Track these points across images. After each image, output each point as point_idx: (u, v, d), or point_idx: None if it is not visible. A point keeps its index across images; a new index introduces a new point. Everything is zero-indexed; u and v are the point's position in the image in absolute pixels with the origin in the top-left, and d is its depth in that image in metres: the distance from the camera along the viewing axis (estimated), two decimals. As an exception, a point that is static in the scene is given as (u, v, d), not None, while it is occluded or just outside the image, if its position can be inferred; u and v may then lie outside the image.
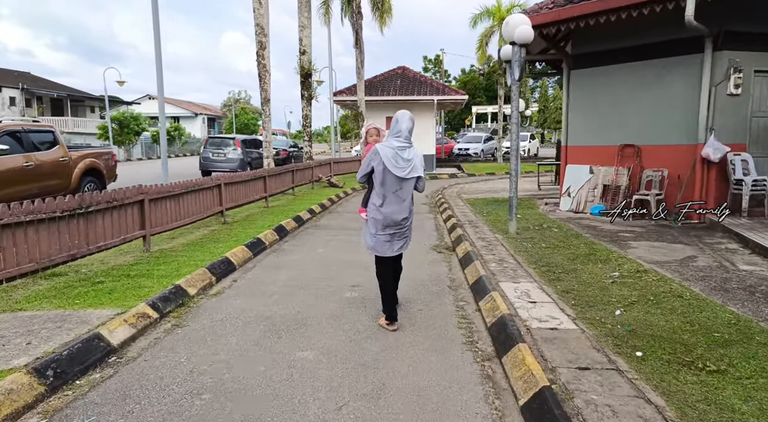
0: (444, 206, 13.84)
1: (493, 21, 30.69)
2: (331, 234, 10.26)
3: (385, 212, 4.76)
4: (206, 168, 22.06)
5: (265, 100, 15.97)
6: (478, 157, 36.94)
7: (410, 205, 4.92)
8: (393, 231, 4.87)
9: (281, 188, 14.85)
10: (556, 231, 9.66)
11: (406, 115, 4.86)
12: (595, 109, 12.51)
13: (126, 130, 36.18)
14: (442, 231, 10.62)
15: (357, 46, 24.65)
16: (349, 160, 23.74)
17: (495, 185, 20.94)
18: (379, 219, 4.81)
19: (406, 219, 4.90)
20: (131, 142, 38.00)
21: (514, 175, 9.58)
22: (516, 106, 9.47)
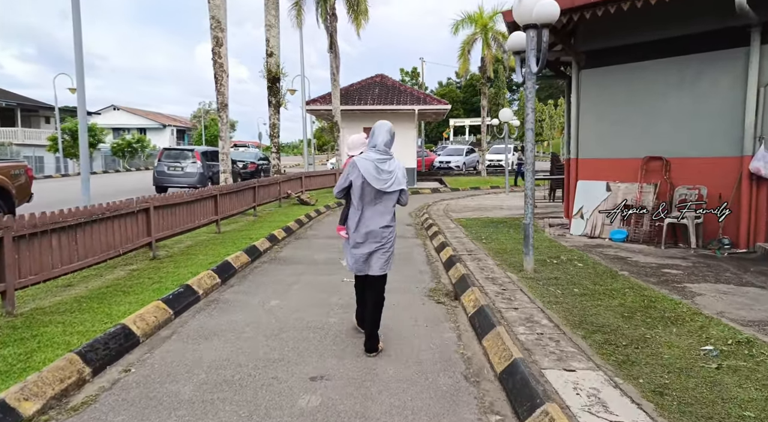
0: (433, 229, 11.68)
1: (476, 28, 28.94)
2: (295, 272, 8.01)
3: (364, 228, 4.52)
4: (161, 184, 19.65)
5: (222, 106, 13.70)
6: (460, 170, 35.01)
7: (392, 220, 4.63)
8: (373, 249, 4.57)
9: (239, 208, 12.56)
10: (581, 267, 7.56)
11: (384, 126, 4.56)
12: (612, 115, 10.51)
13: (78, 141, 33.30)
14: (436, 266, 8.44)
15: (332, 51, 22.54)
16: (323, 174, 21.50)
17: (483, 201, 18.89)
18: (358, 236, 4.56)
19: (387, 236, 4.60)
20: (87, 155, 35.20)
21: (529, 196, 7.45)
22: (532, 107, 7.38)
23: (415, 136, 26.82)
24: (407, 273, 7.88)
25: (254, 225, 12.20)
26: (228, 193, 11.77)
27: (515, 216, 14.02)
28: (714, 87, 9.17)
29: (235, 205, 12.33)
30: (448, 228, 11.97)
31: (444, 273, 7.88)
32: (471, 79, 78.32)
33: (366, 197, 4.46)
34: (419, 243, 10.60)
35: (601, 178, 10.57)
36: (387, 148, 4.50)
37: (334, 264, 8.49)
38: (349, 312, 5.81)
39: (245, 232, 11.10)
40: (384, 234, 4.56)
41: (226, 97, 13.74)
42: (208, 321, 5.43)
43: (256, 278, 7.56)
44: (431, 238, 11.03)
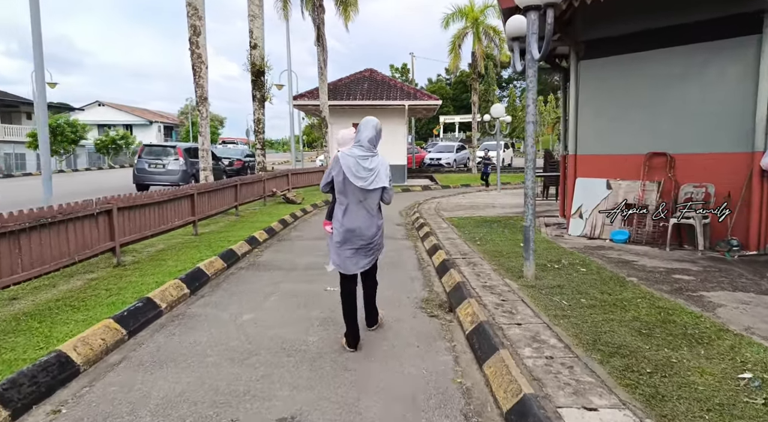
0: (425, 229, 11.03)
1: (466, 22, 28.29)
2: (274, 279, 7.35)
3: (349, 225, 4.45)
4: (142, 181, 18.87)
5: (201, 99, 12.97)
6: (451, 167, 34.40)
7: (378, 218, 4.59)
8: (358, 246, 4.51)
9: (219, 208, 11.85)
10: (585, 273, 6.95)
11: (370, 123, 4.50)
12: (612, 109, 9.90)
13: (60, 137, 32.30)
14: (428, 271, 7.80)
15: (319, 44, 21.80)
16: (310, 171, 20.78)
17: (475, 199, 18.27)
18: (342, 233, 4.48)
19: (374, 234, 4.54)
20: (66, 151, 34.02)
21: (530, 197, 6.82)
22: (533, 98, 6.75)
23: (405, 132, 26.17)
24: (397, 279, 7.23)
25: (235, 226, 11.50)
26: (207, 191, 11.06)
27: (509, 215, 13.42)
28: (722, 78, 8.59)
29: (215, 204, 11.62)
30: (440, 229, 11.34)
31: (437, 280, 7.24)
32: (461, 76, 77.78)
33: (348, 193, 4.38)
34: (410, 246, 9.95)
35: (600, 175, 9.98)
36: (371, 145, 4.40)
37: (317, 270, 7.83)
38: (330, 328, 5.17)
39: (224, 234, 10.41)
40: (369, 232, 4.49)
41: (206, 90, 13.02)
42: (167, 342, 4.75)
43: (230, 287, 6.88)
44: (423, 239, 10.40)
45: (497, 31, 27.66)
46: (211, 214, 11.34)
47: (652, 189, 9.22)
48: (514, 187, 24.08)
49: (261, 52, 17.12)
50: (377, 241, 4.61)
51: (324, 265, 8.43)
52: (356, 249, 4.50)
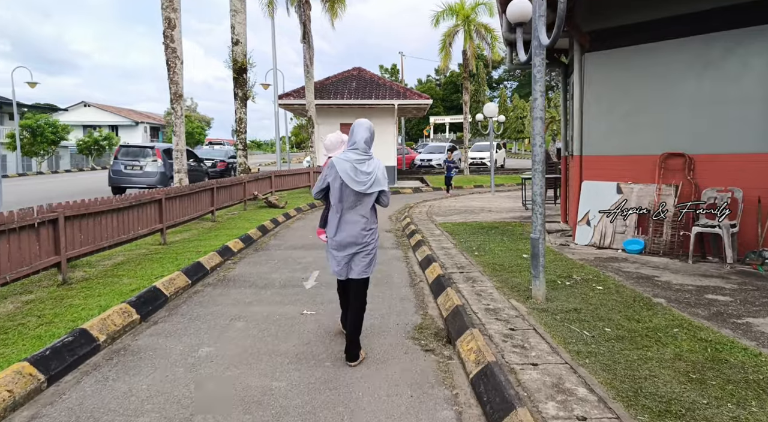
0: (417, 237, 10.10)
1: (457, 20, 27.39)
2: (244, 298, 6.39)
3: (345, 232, 4.34)
4: (118, 184, 17.80)
5: (175, 96, 11.97)
6: (442, 168, 33.47)
7: (373, 222, 4.45)
8: (354, 252, 4.38)
9: (193, 213, 10.86)
10: (602, 292, 6.05)
11: (364, 125, 4.35)
12: (622, 105, 9.02)
13: (40, 138, 31.00)
14: (420, 289, 6.85)
15: (305, 41, 20.84)
16: (295, 173, 19.77)
17: (470, 202, 17.36)
18: (337, 239, 4.38)
19: (369, 239, 4.41)
20: (47, 152, 32.69)
21: (539, 204, 5.90)
22: (541, 90, 5.84)
23: (395, 133, 25.24)
24: (386, 300, 6.29)
25: (209, 234, 10.51)
26: (178, 196, 10.06)
27: (506, 220, 12.52)
28: (746, 69, 7.73)
29: (188, 209, 10.62)
30: (433, 236, 10.41)
31: (432, 301, 6.30)
32: (451, 77, 77.12)
33: (344, 199, 4.29)
34: (400, 256, 9.01)
35: (610, 178, 9.09)
36: (367, 147, 4.31)
37: (295, 287, 6.89)
38: (302, 368, 4.23)
39: (196, 243, 9.42)
40: (365, 238, 4.39)
41: (181, 87, 12.02)
42: (95, 392, 3.77)
43: (190, 310, 5.90)
44: (414, 249, 9.46)
45: (489, 29, 26.81)
46: (182, 221, 10.33)
47: (668, 193, 8.34)
48: (509, 188, 23.24)
49: (243, 48, 16.14)
50: (373, 244, 4.47)
51: (302, 281, 7.53)
52: (352, 255, 4.41)
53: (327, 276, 7.44)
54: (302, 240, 10.64)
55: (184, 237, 10.19)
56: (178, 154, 12.12)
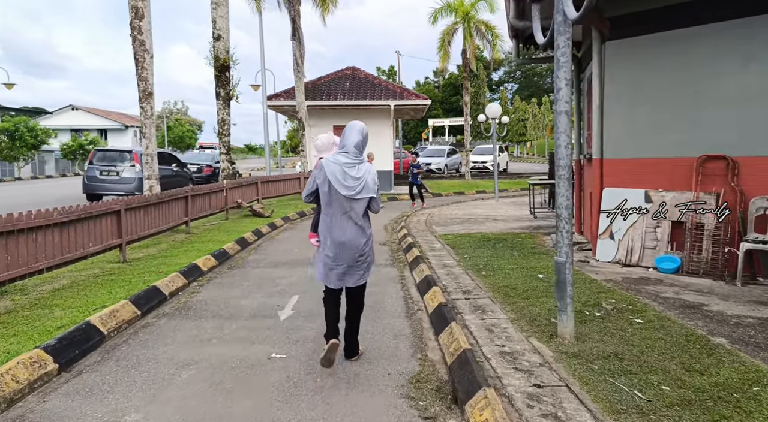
0: (414, 252, 8.90)
1: (456, 17, 26.24)
2: (202, 334, 5.20)
3: (337, 238, 4.16)
4: (92, 191, 16.62)
5: (144, 94, 10.78)
6: (442, 173, 32.32)
7: (367, 228, 4.29)
8: (347, 259, 4.21)
9: (162, 226, 9.66)
10: (643, 327, 4.87)
11: (356, 127, 4.22)
12: (651, 100, 7.83)
13: (18, 142, 29.74)
14: (419, 320, 5.65)
15: (295, 38, 19.68)
16: (284, 179, 18.53)
17: (473, 210, 16.17)
18: (329, 245, 4.19)
19: (363, 246, 4.25)
20: (26, 157, 31.39)
21: (565, 219, 4.70)
22: (567, 78, 4.64)
23: (392, 135, 24.06)
24: (376, 336, 5.10)
25: (180, 248, 9.30)
26: (142, 206, 8.86)
27: (514, 231, 11.32)
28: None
29: (156, 221, 9.42)
30: (433, 251, 9.21)
31: (432, 337, 5.10)
32: (450, 78, 76.14)
33: (334, 203, 4.14)
34: (395, 276, 7.81)
35: (637, 184, 7.90)
36: (358, 151, 4.15)
37: (267, 317, 5.69)
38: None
39: (161, 260, 8.22)
40: (359, 246, 4.23)
41: (150, 84, 10.83)
42: None
43: (131, 352, 4.69)
44: (412, 266, 8.26)
45: (490, 26, 25.66)
46: (147, 235, 9.12)
47: (708, 202, 7.15)
48: (513, 194, 22.07)
49: (225, 44, 14.98)
50: (368, 252, 4.34)
51: (277, 310, 6.33)
52: (344, 264, 4.23)
53: (307, 302, 6.25)
54: (286, 256, 9.43)
55: (149, 252, 8.99)
56: (148, 158, 10.92)
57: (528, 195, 21.15)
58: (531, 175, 27.24)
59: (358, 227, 4.19)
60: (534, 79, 70.02)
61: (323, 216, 4.23)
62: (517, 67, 73.61)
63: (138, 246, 9.34)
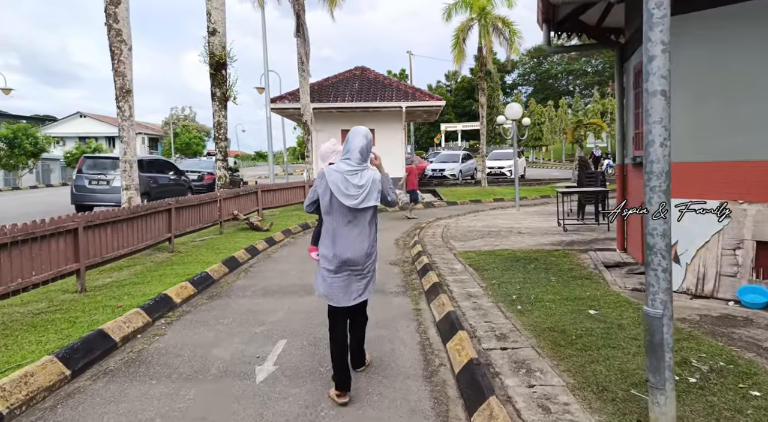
0: (431, 277, 7.44)
1: (471, 12, 24.76)
2: (146, 409, 3.79)
3: (338, 250, 3.89)
4: (81, 201, 15.33)
5: (122, 92, 9.44)
6: (456, 179, 30.78)
7: (372, 239, 4.00)
8: (349, 274, 3.94)
9: (137, 244, 8.28)
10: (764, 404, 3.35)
11: (360, 132, 4.00)
12: (724, 90, 6.31)
13: (17, 150, 28.59)
14: (441, 385, 4.17)
15: (299, 34, 18.32)
16: (287, 187, 17.09)
17: (493, 221, 14.66)
18: (330, 259, 3.92)
19: (366, 260, 3.97)
20: (25, 165, 30.25)
21: (661, 252, 3.21)
22: (662, 40, 3.16)
23: (404, 139, 22.63)
24: (384, 412, 3.64)
25: (156, 272, 7.92)
26: (110, 222, 7.48)
27: (545, 248, 9.83)
28: None
29: (129, 239, 8.03)
30: (454, 274, 7.75)
31: (463, 415, 3.62)
32: (462, 82, 74.66)
33: (336, 214, 3.89)
34: (409, 310, 6.34)
35: (708, 194, 6.37)
36: (362, 157, 3.89)
37: (238, 379, 4.27)
38: None
39: (128, 289, 6.83)
40: (362, 259, 3.93)
41: (129, 80, 9.49)
42: None
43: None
44: (429, 296, 6.80)
45: (507, 23, 24.12)
46: (117, 256, 7.73)
47: (799, 218, 5.62)
48: (534, 202, 20.52)
49: (221, 39, 13.64)
50: (370, 267, 4.03)
51: (255, 364, 4.90)
52: (347, 277, 3.95)
53: (296, 352, 4.85)
54: (280, 279, 8.02)
55: (118, 278, 7.60)
56: (126, 166, 9.58)
57: (552, 204, 19.66)
58: (552, 182, 25.68)
59: (362, 239, 3.92)
60: (549, 81, 68.38)
61: (325, 228, 3.99)
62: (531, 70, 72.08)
63: (108, 270, 7.96)
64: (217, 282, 7.84)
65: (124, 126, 9.47)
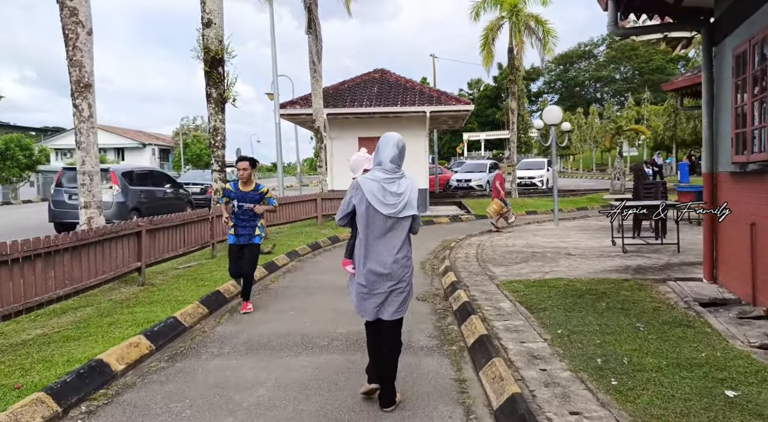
0: (474, 322, 5.46)
1: (501, 10, 22.81)
2: None
3: (374, 264, 3.74)
4: (60, 219, 13.64)
5: (78, 86, 7.63)
6: (483, 190, 28.67)
7: (407, 251, 3.85)
8: (386, 290, 3.78)
9: (88, 280, 6.42)
10: None
11: (391, 139, 3.84)
12: None
13: (9, 162, 26.98)
14: None
15: (311, 31, 16.55)
16: (297, 201, 15.04)
17: (532, 238, 12.60)
18: (365, 273, 3.78)
19: (403, 273, 3.81)
20: (18, 178, 28.63)
21: None
22: None
23: (426, 147, 20.68)
24: None
25: (107, 318, 6.03)
26: (43, 252, 5.61)
27: (609, 277, 7.81)
28: None
29: (73, 274, 6.16)
30: (502, 316, 5.77)
31: None
32: (485, 90, 72.56)
33: (372, 225, 3.75)
34: (448, 384, 4.37)
35: None
36: (395, 165, 3.78)
37: None
38: None
39: (51, 351, 4.97)
40: (399, 271, 3.78)
41: (87, 72, 7.71)
42: None
43: None
44: (475, 357, 4.82)
45: (541, 21, 22.10)
46: (50, 299, 5.82)
47: None
48: (571, 216, 18.42)
49: (218, 31, 11.86)
50: (407, 280, 3.86)
51: None
52: (383, 292, 3.78)
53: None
54: (274, 325, 6.12)
55: (53, 327, 5.72)
56: (85, 178, 7.74)
57: (592, 217, 17.52)
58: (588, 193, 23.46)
59: (397, 251, 3.75)
60: (575, 89, 65.97)
61: (359, 240, 3.82)
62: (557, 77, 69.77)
63: (44, 315, 6.10)
64: (188, 330, 5.91)
65: (82, 128, 7.65)
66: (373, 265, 3.74)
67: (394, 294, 3.80)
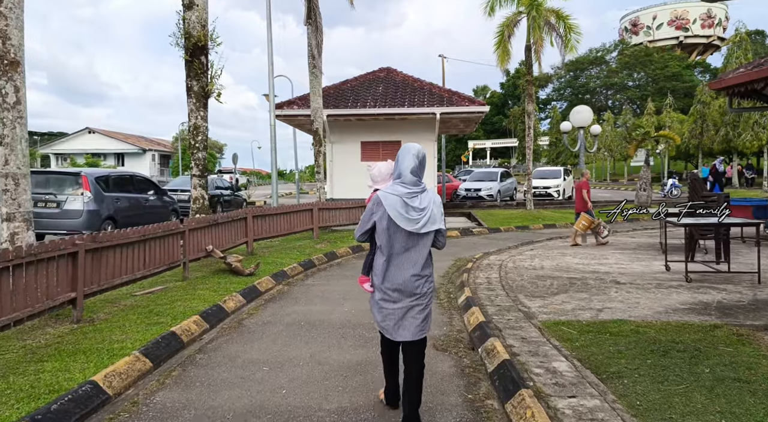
0: (527, 407, 3.65)
1: (518, 5, 21.11)
2: None
3: (394, 282, 3.60)
4: (23, 228, 11.83)
5: (2, 64, 5.89)
6: (494, 200, 26.83)
7: (429, 268, 3.69)
8: (407, 306, 3.62)
9: (4, 317, 4.63)
10: None
11: (410, 151, 3.65)
12: None
13: None
14: None
15: (310, 21, 14.82)
16: (289, 212, 13.17)
17: (562, 259, 10.80)
18: (383, 290, 3.66)
19: (424, 289, 3.65)
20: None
21: None
22: None
23: (435, 154, 18.97)
24: None
25: (3, 377, 4.26)
26: None
27: (686, 319, 6.04)
28: None
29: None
30: (559, 384, 4.02)
31: None
32: (492, 98, 70.96)
33: (394, 241, 3.58)
34: None
35: None
36: (416, 178, 3.60)
37: None
38: None
39: None
40: (420, 288, 3.62)
41: (15, 46, 5.96)
42: None
43: None
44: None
45: (562, 16, 20.36)
46: None
47: None
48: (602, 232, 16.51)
49: (201, 14, 10.18)
50: (429, 296, 3.69)
51: None
52: (403, 310, 3.62)
53: None
54: (239, 395, 4.35)
55: None
56: (8, 182, 5.95)
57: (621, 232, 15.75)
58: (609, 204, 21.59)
59: (419, 267, 3.60)
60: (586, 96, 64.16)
61: (379, 256, 3.67)
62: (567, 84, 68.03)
63: None
64: (110, 402, 4.13)
65: (5, 118, 5.87)
66: (394, 282, 3.60)
67: (415, 312, 3.61)
